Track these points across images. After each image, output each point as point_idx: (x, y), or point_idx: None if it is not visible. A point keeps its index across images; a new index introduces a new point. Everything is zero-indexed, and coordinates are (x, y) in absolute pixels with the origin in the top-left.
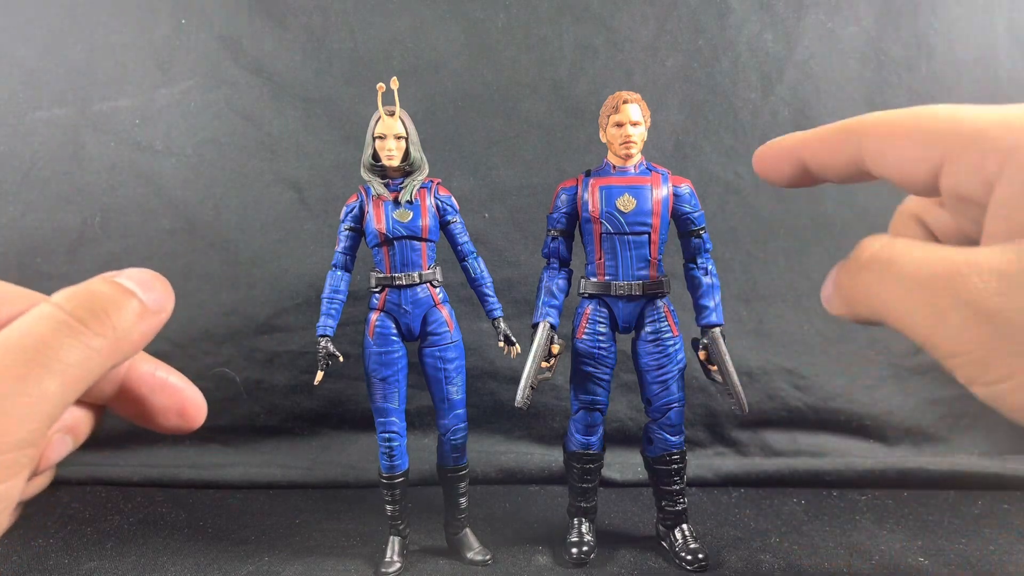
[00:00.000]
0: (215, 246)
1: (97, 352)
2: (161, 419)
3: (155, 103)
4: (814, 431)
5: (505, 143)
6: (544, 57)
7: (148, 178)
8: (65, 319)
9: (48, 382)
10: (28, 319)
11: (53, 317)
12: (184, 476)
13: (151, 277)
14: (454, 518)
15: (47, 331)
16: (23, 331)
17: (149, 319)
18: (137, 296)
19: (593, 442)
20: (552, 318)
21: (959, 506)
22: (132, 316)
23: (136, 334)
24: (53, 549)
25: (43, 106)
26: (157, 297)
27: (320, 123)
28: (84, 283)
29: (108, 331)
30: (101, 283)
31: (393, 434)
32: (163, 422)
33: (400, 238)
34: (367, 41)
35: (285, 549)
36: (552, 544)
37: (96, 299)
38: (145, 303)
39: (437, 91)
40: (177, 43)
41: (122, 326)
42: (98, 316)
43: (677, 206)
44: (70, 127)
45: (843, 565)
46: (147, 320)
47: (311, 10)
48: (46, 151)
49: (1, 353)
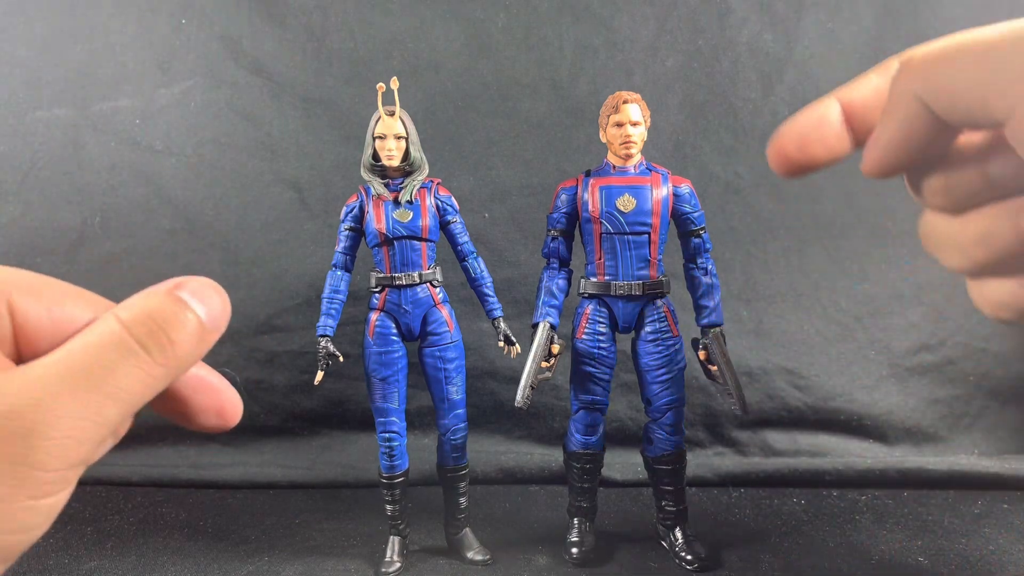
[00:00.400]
0: (215, 246)
1: (156, 379)
2: (201, 419)
3: (155, 103)
4: (814, 431)
5: (505, 143)
6: (544, 57)
7: (148, 178)
8: (130, 344)
9: (109, 410)
10: (95, 338)
11: (119, 341)
12: (184, 476)
13: (211, 290)
14: (454, 518)
15: (113, 357)
16: (90, 353)
17: (207, 340)
18: (197, 315)
19: (593, 442)
20: (552, 318)
21: (959, 506)
22: (192, 339)
23: (193, 358)
24: (53, 549)
25: (43, 106)
26: (216, 315)
27: (320, 123)
28: (149, 295)
29: (170, 360)
30: (165, 298)
31: (393, 434)
32: (203, 422)
33: (400, 238)
34: (367, 41)
35: (285, 549)
36: (552, 544)
37: (159, 320)
38: (204, 323)
39: (437, 91)
40: (177, 43)
41: (182, 352)
42: (160, 343)
43: (677, 206)
44: (70, 127)
45: (843, 565)
46: (205, 341)
47: (311, 10)
48: (46, 151)
49: (69, 375)
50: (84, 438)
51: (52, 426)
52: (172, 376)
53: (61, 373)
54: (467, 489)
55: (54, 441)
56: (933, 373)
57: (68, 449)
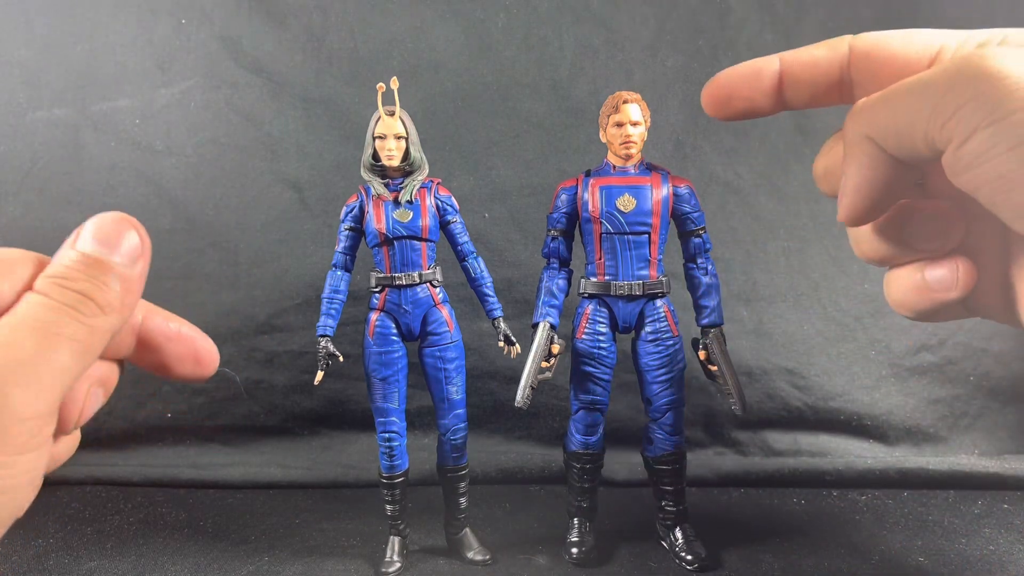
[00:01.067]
0: (215, 246)
1: (95, 325)
2: (179, 368)
3: (155, 103)
4: (814, 431)
5: (505, 143)
6: (544, 57)
7: (148, 178)
8: (56, 306)
9: (60, 355)
10: (25, 307)
11: (46, 305)
12: (184, 476)
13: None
14: (454, 518)
15: (47, 313)
16: (25, 315)
17: (130, 278)
18: (110, 264)
19: (593, 442)
20: (552, 318)
21: (959, 506)
22: (114, 288)
23: (123, 298)
24: (53, 549)
25: (43, 106)
26: (129, 251)
27: (320, 123)
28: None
29: (97, 310)
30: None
31: (393, 434)
32: (181, 370)
33: (400, 238)
34: (367, 41)
35: (285, 549)
36: (552, 544)
37: (74, 284)
38: (119, 267)
39: (437, 91)
40: (177, 43)
41: (107, 300)
42: (83, 302)
43: (677, 206)
44: (70, 127)
45: (843, 565)
46: (129, 280)
47: (311, 10)
48: (46, 151)
49: (11, 334)
50: (42, 387)
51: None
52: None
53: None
54: (467, 489)
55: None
56: (933, 373)
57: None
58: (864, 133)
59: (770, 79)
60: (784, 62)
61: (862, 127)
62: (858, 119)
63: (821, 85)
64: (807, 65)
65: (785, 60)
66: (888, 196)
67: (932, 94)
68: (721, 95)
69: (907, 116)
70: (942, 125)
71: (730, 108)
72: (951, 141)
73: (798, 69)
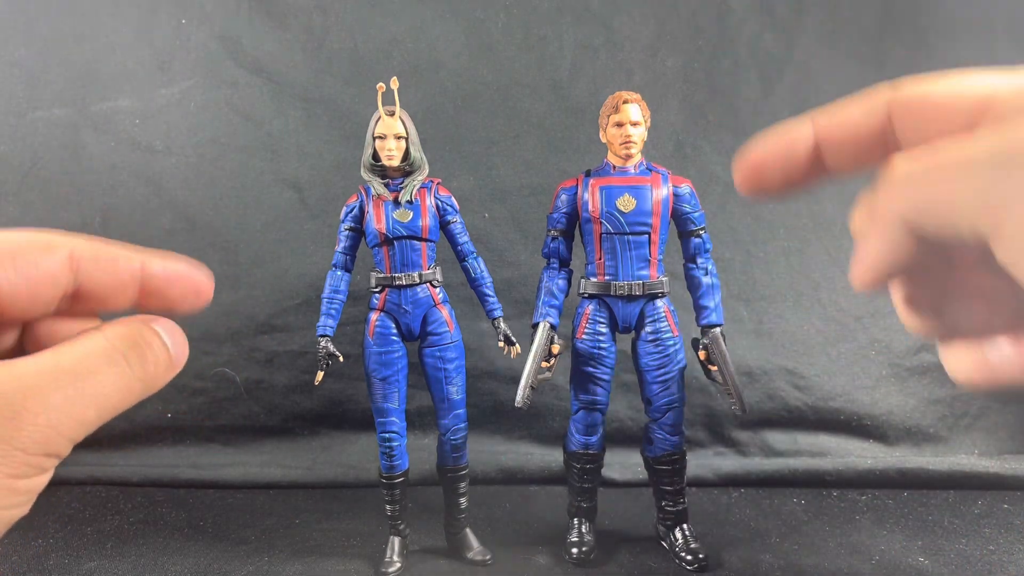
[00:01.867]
0: (215, 246)
1: (131, 392)
2: (184, 305)
3: (155, 103)
4: (814, 431)
5: (505, 143)
6: (544, 57)
7: (148, 178)
8: (115, 355)
9: (89, 412)
10: (83, 345)
11: (105, 351)
12: (184, 476)
13: (177, 329)
14: (454, 518)
15: (99, 364)
16: (78, 357)
17: (173, 368)
18: (167, 345)
19: (593, 442)
20: (552, 318)
21: (959, 506)
22: (163, 363)
23: (161, 380)
24: (53, 549)
25: (43, 106)
26: (179, 351)
27: (320, 123)
28: (127, 321)
29: (146, 375)
30: (143, 326)
31: (393, 434)
32: (184, 307)
33: (400, 238)
34: (367, 41)
35: (285, 549)
36: (552, 544)
37: (139, 341)
38: (172, 355)
39: (437, 91)
40: (177, 43)
41: (154, 371)
42: (141, 358)
43: (677, 206)
44: (70, 127)
45: (843, 565)
46: (171, 369)
47: (311, 10)
48: (46, 151)
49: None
50: (63, 431)
51: (38, 413)
52: (143, 394)
53: (52, 370)
54: (467, 489)
55: (38, 427)
56: (933, 373)
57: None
58: (900, 212)
59: (804, 149)
60: (818, 126)
61: (899, 204)
62: (895, 194)
63: (864, 147)
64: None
65: (819, 124)
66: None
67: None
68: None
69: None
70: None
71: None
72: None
73: (836, 133)
